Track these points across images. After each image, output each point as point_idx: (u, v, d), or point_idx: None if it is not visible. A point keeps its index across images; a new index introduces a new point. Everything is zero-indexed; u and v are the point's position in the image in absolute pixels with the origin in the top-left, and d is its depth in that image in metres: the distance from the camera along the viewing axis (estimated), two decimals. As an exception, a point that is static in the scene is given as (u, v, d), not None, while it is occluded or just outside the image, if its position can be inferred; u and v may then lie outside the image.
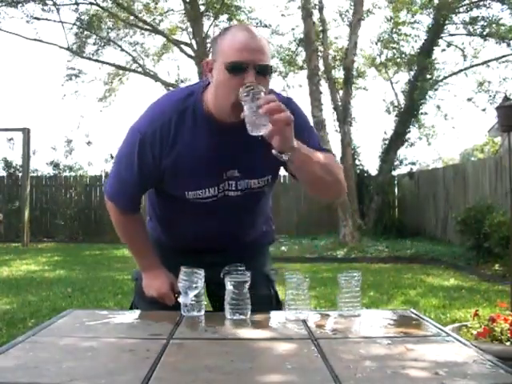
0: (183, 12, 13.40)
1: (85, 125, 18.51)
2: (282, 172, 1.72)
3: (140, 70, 14.80)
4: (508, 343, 2.80)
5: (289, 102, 1.52)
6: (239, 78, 1.41)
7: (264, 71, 1.44)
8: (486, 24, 12.10)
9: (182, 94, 1.57)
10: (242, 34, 1.45)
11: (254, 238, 1.79)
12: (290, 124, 1.33)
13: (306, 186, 1.58)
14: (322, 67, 11.37)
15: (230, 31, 1.50)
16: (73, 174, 13.35)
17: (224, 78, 1.44)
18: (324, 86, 11.19)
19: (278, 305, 1.79)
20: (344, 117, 11.11)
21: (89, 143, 13.44)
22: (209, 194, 1.58)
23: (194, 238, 1.70)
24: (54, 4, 12.62)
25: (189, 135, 1.53)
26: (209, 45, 12.36)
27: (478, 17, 12.21)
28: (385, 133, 12.45)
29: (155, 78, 14.29)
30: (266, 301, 1.75)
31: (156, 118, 1.54)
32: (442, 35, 12.43)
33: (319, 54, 10.93)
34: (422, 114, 12.49)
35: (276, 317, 1.55)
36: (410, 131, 12.27)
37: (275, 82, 14.37)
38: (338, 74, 12.75)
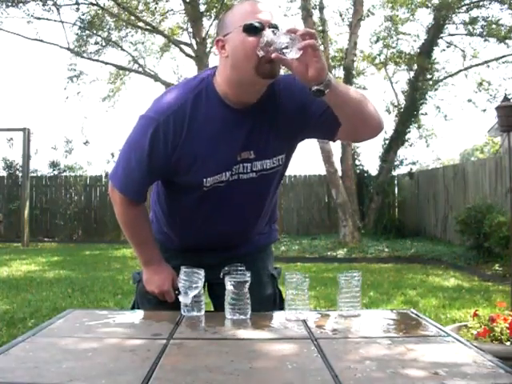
0: (183, 12, 13.40)
1: (86, 125, 18.55)
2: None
3: (140, 70, 14.80)
4: (508, 343, 2.80)
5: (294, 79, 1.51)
6: (257, 37, 1.42)
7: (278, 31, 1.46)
8: (485, 24, 12.11)
9: (193, 81, 1.57)
10: (249, 3, 1.50)
11: (260, 236, 1.79)
12: (317, 45, 1.33)
13: (349, 123, 1.52)
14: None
15: (236, 6, 1.55)
16: (73, 174, 13.36)
17: (242, 41, 1.45)
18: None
19: (282, 303, 1.79)
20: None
21: (86, 143, 13.45)
22: (225, 178, 1.56)
23: (201, 233, 1.69)
24: (55, 4, 12.62)
25: (205, 119, 1.52)
26: (209, 45, 12.37)
27: (477, 17, 12.23)
28: (385, 132, 12.46)
29: (155, 77, 14.29)
30: (270, 300, 1.76)
31: (169, 104, 1.51)
32: (442, 35, 12.44)
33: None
34: (421, 114, 12.50)
35: (276, 317, 1.55)
36: (410, 131, 12.28)
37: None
38: (338, 73, 12.75)
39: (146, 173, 1.57)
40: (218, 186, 1.58)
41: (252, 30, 1.43)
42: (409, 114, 12.03)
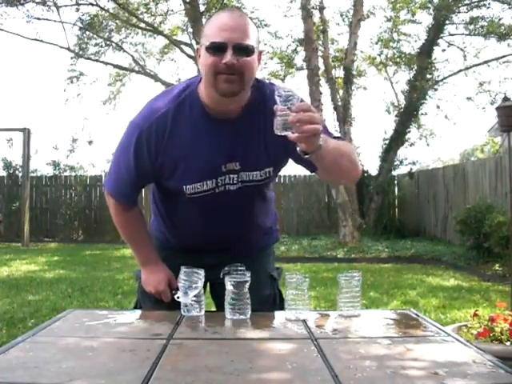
0: (183, 12, 13.39)
1: (87, 126, 18.50)
2: (282, 172, 1.72)
3: (141, 70, 14.80)
4: (508, 343, 2.79)
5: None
6: (218, 57, 1.43)
7: (243, 51, 1.44)
8: (486, 24, 12.10)
9: (179, 88, 1.58)
10: (224, 16, 1.48)
11: (259, 237, 1.79)
12: (317, 135, 1.31)
13: (326, 174, 1.59)
14: (322, 67, 11.37)
15: (215, 15, 1.54)
16: (73, 173, 13.35)
17: (205, 59, 1.46)
18: (324, 86, 11.20)
19: (282, 304, 1.79)
20: (344, 117, 11.12)
21: (90, 142, 13.44)
22: (206, 188, 1.57)
23: (197, 236, 1.70)
24: (55, 4, 12.61)
25: (186, 127, 1.54)
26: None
27: (478, 17, 12.22)
28: (385, 132, 12.46)
29: (155, 78, 14.29)
30: (269, 300, 1.76)
31: (153, 111, 1.55)
32: (442, 35, 12.44)
33: (319, 53, 10.93)
34: (421, 114, 12.50)
35: (276, 317, 1.55)
36: (409, 131, 12.28)
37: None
38: (339, 73, 12.75)
39: (134, 178, 1.61)
40: (205, 195, 1.58)
41: (213, 49, 1.44)
42: (409, 114, 12.03)
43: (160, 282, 1.69)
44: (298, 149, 1.35)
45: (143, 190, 1.77)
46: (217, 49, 1.43)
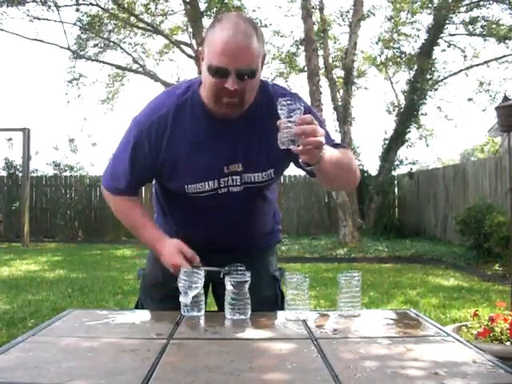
0: (183, 12, 13.39)
1: (88, 126, 18.53)
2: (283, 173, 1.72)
3: (140, 70, 14.79)
4: (508, 343, 2.80)
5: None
6: (221, 81, 1.42)
7: (246, 75, 1.42)
8: (485, 24, 12.11)
9: (181, 88, 1.59)
10: (227, 34, 1.40)
11: (261, 238, 1.79)
12: (320, 148, 1.32)
13: (326, 183, 1.61)
14: (322, 67, 11.38)
15: (219, 25, 1.45)
16: (73, 174, 13.34)
17: (208, 79, 1.46)
18: (324, 86, 11.20)
19: (283, 305, 1.79)
20: (344, 117, 11.12)
21: (94, 144, 13.45)
22: (208, 188, 1.57)
23: (199, 236, 1.69)
24: (55, 4, 12.61)
25: (187, 127, 1.54)
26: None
27: (478, 17, 12.23)
28: (385, 132, 12.47)
29: (155, 78, 14.29)
30: (270, 301, 1.75)
31: (154, 110, 1.56)
32: (442, 35, 12.44)
33: (319, 53, 10.93)
34: (421, 114, 12.51)
35: (276, 317, 1.55)
36: (410, 131, 12.29)
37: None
38: (339, 73, 12.76)
39: (129, 175, 1.61)
40: (207, 196, 1.58)
41: (215, 73, 1.42)
42: (409, 114, 12.03)
43: (173, 256, 1.56)
44: (300, 160, 1.37)
45: (143, 189, 1.77)
46: (219, 73, 1.41)
